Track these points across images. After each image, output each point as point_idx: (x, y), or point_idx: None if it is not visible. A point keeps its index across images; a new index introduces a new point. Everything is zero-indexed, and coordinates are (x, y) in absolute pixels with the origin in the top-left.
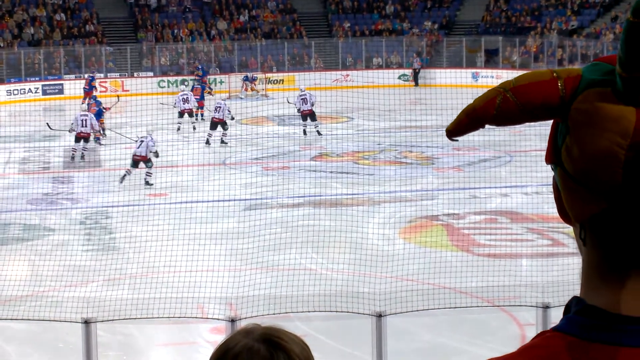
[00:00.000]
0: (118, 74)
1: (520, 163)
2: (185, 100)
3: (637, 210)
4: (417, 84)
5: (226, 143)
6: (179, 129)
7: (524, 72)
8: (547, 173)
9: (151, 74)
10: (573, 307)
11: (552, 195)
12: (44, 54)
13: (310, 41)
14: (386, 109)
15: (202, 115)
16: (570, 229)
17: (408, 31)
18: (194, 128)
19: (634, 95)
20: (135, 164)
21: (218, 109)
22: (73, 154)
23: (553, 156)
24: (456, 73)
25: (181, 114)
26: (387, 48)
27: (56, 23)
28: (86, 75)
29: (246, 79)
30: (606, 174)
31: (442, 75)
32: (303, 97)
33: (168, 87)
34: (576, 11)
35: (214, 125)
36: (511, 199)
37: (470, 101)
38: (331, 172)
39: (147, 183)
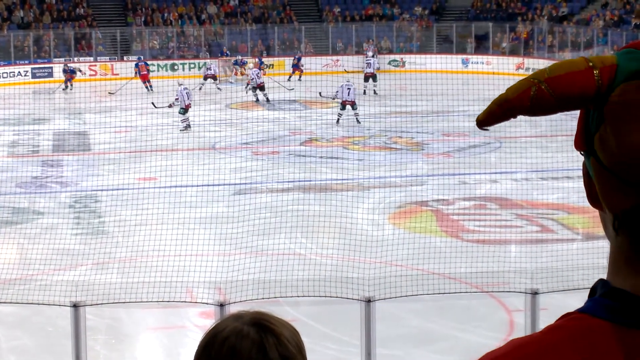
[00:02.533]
0: (108, 57)
1: (509, 149)
2: (208, 68)
3: None
4: None
5: (360, 122)
6: (200, 89)
7: (552, 63)
8: (536, 159)
9: (141, 57)
10: (599, 290)
11: (541, 182)
12: (33, 37)
13: (301, 26)
14: (376, 94)
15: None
16: (558, 215)
17: (398, 17)
18: (219, 89)
19: None
20: (343, 107)
21: (349, 91)
22: (188, 124)
23: (584, 143)
24: (446, 59)
25: (205, 78)
26: (377, 33)
27: (46, 6)
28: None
29: (236, 63)
30: None
31: (432, 61)
32: (369, 62)
33: (158, 70)
34: None
35: (343, 106)
36: (500, 185)
37: (461, 86)
38: (321, 157)
39: (357, 122)
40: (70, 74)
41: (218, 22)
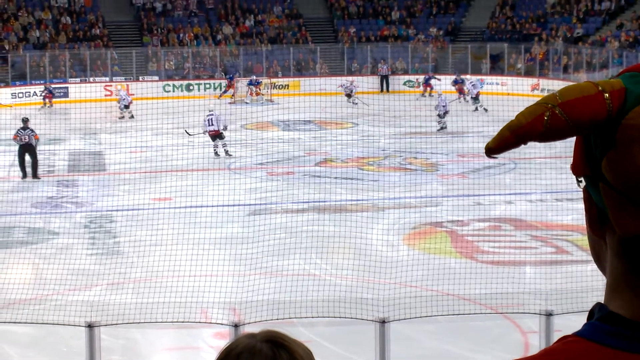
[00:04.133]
0: (123, 77)
1: (524, 170)
2: (346, 86)
3: None
4: (387, 90)
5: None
6: (216, 153)
7: (567, 84)
8: (551, 181)
9: (156, 78)
10: (596, 314)
11: (556, 203)
12: (49, 57)
13: (316, 46)
14: (391, 115)
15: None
16: (573, 236)
17: (413, 37)
18: (227, 152)
19: None
20: (213, 138)
21: (446, 104)
22: (215, 150)
23: (587, 168)
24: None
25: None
26: (392, 54)
27: (62, 26)
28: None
29: (251, 83)
30: None
31: (448, 82)
32: (473, 83)
33: (173, 91)
34: (581, 19)
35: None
36: (515, 206)
37: (474, 107)
38: (336, 177)
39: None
40: None
41: (233, 43)
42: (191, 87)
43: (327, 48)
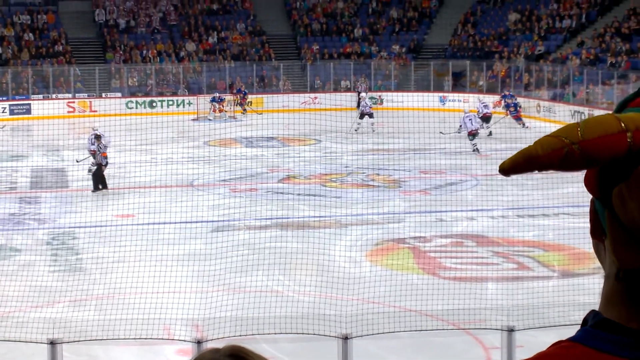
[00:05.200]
0: (86, 94)
1: (486, 187)
2: (92, 142)
3: None
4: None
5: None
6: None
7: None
8: (512, 197)
9: (119, 94)
10: (590, 320)
11: (518, 219)
12: (11, 73)
13: (279, 63)
14: (354, 132)
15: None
16: (535, 252)
17: (376, 54)
18: (89, 170)
19: None
20: (473, 137)
21: (471, 121)
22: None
23: (598, 191)
24: (424, 96)
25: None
26: (355, 71)
27: (24, 43)
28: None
29: (214, 100)
30: None
31: (410, 99)
32: (485, 103)
33: (136, 107)
34: (543, 36)
35: (472, 136)
36: (477, 222)
37: (438, 124)
38: (298, 194)
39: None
40: None
41: (197, 60)
42: (154, 104)
43: (290, 65)
